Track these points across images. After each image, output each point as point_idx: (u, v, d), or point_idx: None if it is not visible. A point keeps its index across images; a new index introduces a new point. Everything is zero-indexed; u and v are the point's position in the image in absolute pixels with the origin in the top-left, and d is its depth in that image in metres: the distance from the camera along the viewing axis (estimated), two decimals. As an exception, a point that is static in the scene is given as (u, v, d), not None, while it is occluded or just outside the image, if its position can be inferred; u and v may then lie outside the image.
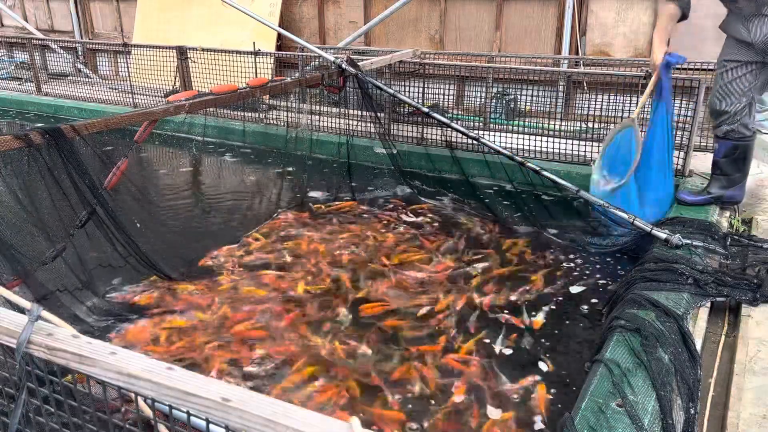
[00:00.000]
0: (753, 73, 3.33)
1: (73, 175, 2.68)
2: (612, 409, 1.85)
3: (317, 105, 5.94)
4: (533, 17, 6.16)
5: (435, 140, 5.21)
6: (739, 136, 3.45)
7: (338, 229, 4.08)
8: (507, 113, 5.63)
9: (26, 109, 7.74)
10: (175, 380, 1.05)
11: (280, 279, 3.40)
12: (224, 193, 5.14)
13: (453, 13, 6.51)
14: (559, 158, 4.74)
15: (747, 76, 3.34)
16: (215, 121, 6.29)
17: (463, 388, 2.48)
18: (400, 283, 3.34)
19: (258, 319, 3.00)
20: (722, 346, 2.33)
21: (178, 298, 3.19)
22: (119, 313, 2.99)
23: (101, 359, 1.11)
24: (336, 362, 2.66)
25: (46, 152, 2.58)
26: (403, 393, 2.48)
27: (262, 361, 2.67)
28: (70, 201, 2.73)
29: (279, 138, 5.80)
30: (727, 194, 3.62)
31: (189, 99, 3.45)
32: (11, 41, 9.02)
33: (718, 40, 3.69)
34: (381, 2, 6.81)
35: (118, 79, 8.24)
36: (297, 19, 7.37)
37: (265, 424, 0.97)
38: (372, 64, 4.93)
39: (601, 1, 5.81)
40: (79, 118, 5.68)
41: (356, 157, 5.27)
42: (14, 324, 1.20)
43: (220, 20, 7.28)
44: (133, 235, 3.06)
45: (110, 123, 2.95)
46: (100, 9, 8.92)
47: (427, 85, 5.40)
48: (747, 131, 3.44)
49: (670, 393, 1.92)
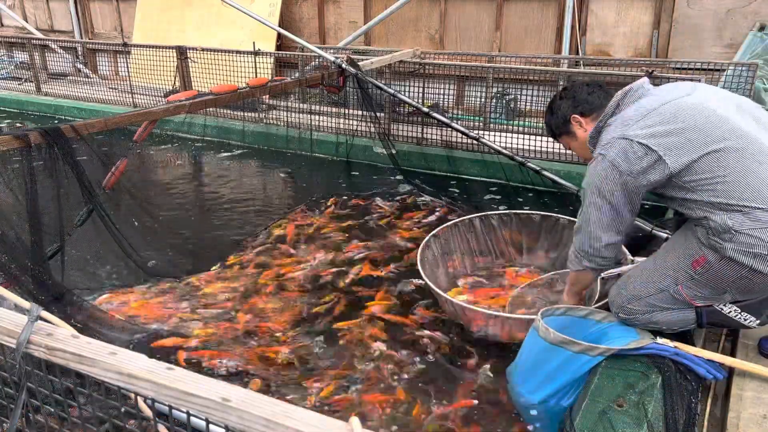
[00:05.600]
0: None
1: (78, 174, 2.68)
2: (612, 409, 1.85)
3: (317, 105, 5.95)
4: (533, 17, 6.16)
5: (435, 140, 5.22)
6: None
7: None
8: (507, 113, 5.63)
9: (26, 109, 7.73)
10: (175, 380, 1.05)
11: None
12: (228, 195, 5.15)
13: (453, 12, 6.51)
14: (559, 158, 4.74)
15: None
16: (215, 121, 6.29)
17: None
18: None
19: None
20: (722, 346, 2.32)
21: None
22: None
23: (101, 359, 1.11)
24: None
25: (46, 152, 2.58)
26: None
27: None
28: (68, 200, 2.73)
29: (279, 138, 5.82)
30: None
31: (189, 99, 3.45)
32: (11, 41, 9.01)
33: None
34: (381, 2, 6.81)
35: (118, 79, 8.23)
36: (297, 19, 7.36)
37: (265, 425, 0.97)
38: (372, 63, 4.93)
39: (601, 1, 5.80)
40: (79, 118, 5.70)
41: (356, 156, 5.29)
42: (14, 324, 1.20)
43: (220, 20, 7.28)
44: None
45: (110, 123, 2.95)
46: (100, 9, 8.91)
47: (427, 84, 5.40)
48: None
49: (671, 393, 1.92)
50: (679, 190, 1.96)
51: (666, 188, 2.00)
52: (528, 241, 3.38)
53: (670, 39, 5.54)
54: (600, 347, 1.98)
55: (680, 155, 1.90)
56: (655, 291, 2.08)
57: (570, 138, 2.39)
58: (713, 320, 2.07)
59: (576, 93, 2.33)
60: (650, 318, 2.10)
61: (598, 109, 2.25)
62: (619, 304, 2.17)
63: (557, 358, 2.02)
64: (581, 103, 2.30)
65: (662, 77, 4.25)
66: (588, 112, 2.30)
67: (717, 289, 2.00)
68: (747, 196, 1.85)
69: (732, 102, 2.03)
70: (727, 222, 1.86)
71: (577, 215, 2.21)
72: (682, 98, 2.01)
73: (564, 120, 2.35)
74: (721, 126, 1.91)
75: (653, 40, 5.66)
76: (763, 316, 2.04)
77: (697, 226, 1.99)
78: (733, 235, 1.86)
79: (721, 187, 1.87)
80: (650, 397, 1.89)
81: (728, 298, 2.02)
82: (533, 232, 3.35)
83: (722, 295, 2.01)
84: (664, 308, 2.08)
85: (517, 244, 3.40)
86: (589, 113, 2.29)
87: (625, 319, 2.17)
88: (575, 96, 2.33)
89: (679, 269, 2.03)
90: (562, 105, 2.35)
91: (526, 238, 3.38)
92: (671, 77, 4.34)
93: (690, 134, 1.91)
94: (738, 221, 1.85)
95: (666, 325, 2.10)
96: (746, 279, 1.91)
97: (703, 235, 1.96)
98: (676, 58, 5.35)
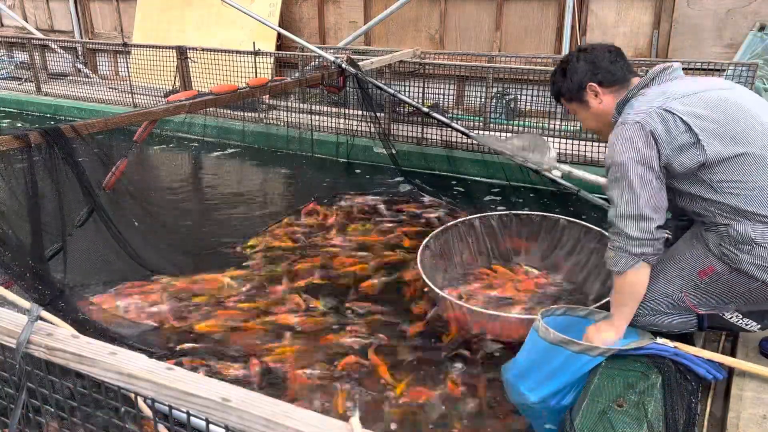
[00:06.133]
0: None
1: (78, 174, 2.68)
2: (612, 409, 1.85)
3: (317, 105, 5.95)
4: (533, 17, 6.16)
5: (435, 140, 5.22)
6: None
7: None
8: (507, 113, 5.63)
9: (26, 109, 7.73)
10: (175, 380, 1.05)
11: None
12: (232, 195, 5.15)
13: (453, 12, 6.51)
14: (559, 158, 4.73)
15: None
16: (215, 121, 6.29)
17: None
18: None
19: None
20: (722, 346, 2.32)
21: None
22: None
23: (101, 359, 1.11)
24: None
25: (47, 152, 2.58)
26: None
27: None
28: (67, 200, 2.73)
29: (279, 138, 5.82)
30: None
31: (189, 99, 3.45)
32: (11, 41, 9.01)
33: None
34: (381, 2, 6.81)
35: (118, 79, 8.23)
36: (297, 19, 7.36)
37: (265, 425, 0.97)
38: (372, 63, 4.92)
39: (601, 1, 5.81)
40: (79, 118, 5.69)
41: (356, 157, 5.28)
42: (14, 324, 1.20)
43: (220, 20, 7.27)
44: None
45: (110, 123, 2.95)
46: (100, 9, 8.91)
47: (427, 84, 5.40)
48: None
49: (671, 393, 1.92)
50: (704, 188, 1.84)
51: (689, 183, 1.87)
52: (528, 242, 3.38)
53: (670, 39, 5.54)
54: (600, 347, 1.98)
55: (718, 145, 1.78)
56: (658, 296, 2.02)
57: (580, 106, 2.13)
58: (714, 324, 2.04)
59: (597, 58, 2.06)
60: (651, 320, 2.07)
61: (620, 82, 2.04)
62: None
63: (557, 358, 2.01)
64: (602, 71, 2.04)
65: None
66: (608, 83, 2.04)
67: (723, 299, 1.94)
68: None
69: (764, 105, 1.93)
70: (750, 232, 1.78)
71: (610, 203, 1.95)
72: (723, 90, 1.89)
73: (579, 86, 2.08)
74: (761, 131, 1.82)
75: (653, 40, 5.66)
76: (765, 321, 2.01)
77: (709, 231, 1.90)
78: (753, 248, 1.77)
79: (750, 193, 1.77)
80: (650, 397, 1.88)
81: (733, 308, 1.97)
82: (533, 233, 3.36)
83: (727, 305, 1.96)
84: (666, 312, 2.04)
85: (516, 245, 3.41)
86: (610, 84, 2.04)
87: None
88: (596, 61, 2.05)
89: (685, 277, 1.97)
90: (579, 69, 2.07)
91: (525, 238, 3.38)
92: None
93: (731, 128, 1.80)
94: (760, 233, 1.77)
95: (667, 327, 2.07)
96: (757, 292, 1.85)
97: (715, 243, 1.88)
98: (676, 58, 5.34)
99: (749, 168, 1.79)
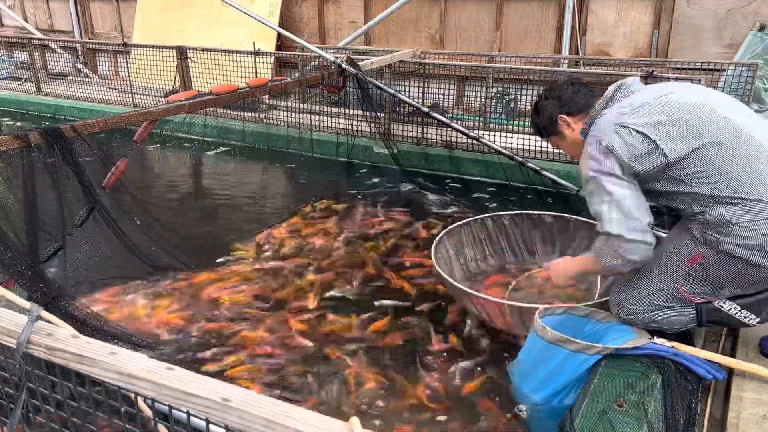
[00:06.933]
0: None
1: (78, 174, 2.68)
2: (612, 409, 1.85)
3: (317, 105, 5.95)
4: (533, 17, 6.16)
5: (435, 140, 5.22)
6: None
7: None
8: (507, 113, 5.63)
9: (26, 109, 7.73)
10: (175, 380, 1.05)
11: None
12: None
13: (453, 12, 6.51)
14: (559, 158, 4.74)
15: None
16: (215, 121, 6.29)
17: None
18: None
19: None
20: (722, 346, 2.32)
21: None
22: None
23: (101, 359, 1.11)
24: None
25: (46, 152, 2.58)
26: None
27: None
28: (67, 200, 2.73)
29: (280, 138, 5.81)
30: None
31: (189, 99, 3.45)
32: (11, 41, 9.01)
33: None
34: (381, 2, 6.81)
35: (118, 79, 8.24)
36: (297, 19, 7.36)
37: (265, 424, 0.97)
38: (372, 63, 4.92)
39: (601, 1, 5.81)
40: (79, 118, 5.69)
41: (357, 157, 5.28)
42: (14, 324, 1.20)
43: (220, 20, 7.27)
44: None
45: (110, 123, 2.95)
46: (100, 9, 8.91)
47: (427, 84, 5.40)
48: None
49: (671, 393, 1.92)
50: (676, 184, 1.97)
51: (662, 182, 2.00)
52: (541, 242, 3.36)
53: (670, 39, 5.54)
54: (597, 346, 1.99)
55: (677, 145, 1.92)
56: (654, 290, 2.09)
57: (558, 138, 2.38)
58: (713, 318, 2.08)
59: (561, 93, 2.32)
60: (651, 317, 2.11)
61: (585, 108, 2.25)
62: (619, 304, 2.18)
63: (556, 357, 2.03)
64: (567, 102, 2.29)
65: (662, 77, 4.25)
66: (575, 112, 2.28)
67: (715, 284, 2.01)
68: (744, 188, 1.86)
69: (721, 99, 2.07)
70: (725, 215, 1.88)
71: (593, 211, 2.07)
72: (674, 93, 2.04)
73: (551, 120, 2.33)
74: (716, 120, 1.93)
75: (653, 40, 5.66)
76: (764, 314, 2.05)
77: (692, 222, 2.00)
78: (731, 229, 1.87)
79: (717, 179, 1.89)
80: (650, 397, 1.89)
81: (727, 294, 2.03)
82: (546, 234, 3.34)
83: (721, 291, 2.03)
84: (665, 307, 2.09)
85: (529, 245, 3.39)
86: (577, 113, 2.28)
87: (625, 319, 2.17)
88: (560, 96, 2.31)
89: (676, 267, 2.05)
90: (548, 105, 2.33)
91: (539, 239, 3.36)
92: (671, 77, 4.34)
93: (686, 125, 1.93)
94: (735, 214, 1.87)
95: (667, 324, 2.11)
96: (744, 273, 1.93)
97: (698, 231, 1.97)
98: (676, 58, 5.35)
99: (711, 157, 1.90)
